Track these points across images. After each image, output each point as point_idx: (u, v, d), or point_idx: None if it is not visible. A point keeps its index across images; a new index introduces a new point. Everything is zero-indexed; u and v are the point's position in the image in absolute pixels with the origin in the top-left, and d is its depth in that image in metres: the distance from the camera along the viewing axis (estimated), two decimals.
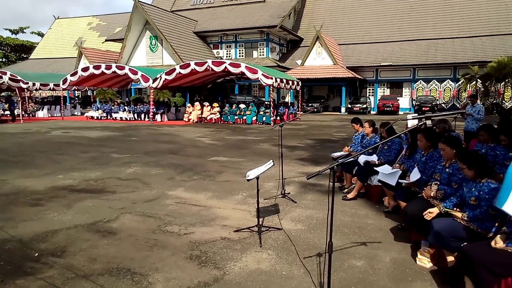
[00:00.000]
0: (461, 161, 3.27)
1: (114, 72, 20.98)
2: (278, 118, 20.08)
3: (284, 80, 20.14)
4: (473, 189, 3.19)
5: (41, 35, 57.77)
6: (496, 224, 3.03)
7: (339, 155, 6.51)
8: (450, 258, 3.25)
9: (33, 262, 3.51)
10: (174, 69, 19.48)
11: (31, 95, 28.96)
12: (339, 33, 35.08)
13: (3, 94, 31.92)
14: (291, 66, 32.14)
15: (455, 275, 3.00)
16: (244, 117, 20.34)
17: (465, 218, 3.12)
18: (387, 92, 31.59)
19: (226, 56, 34.82)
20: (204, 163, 8.51)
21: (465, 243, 3.02)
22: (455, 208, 3.34)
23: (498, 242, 2.72)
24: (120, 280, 3.20)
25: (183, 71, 19.19)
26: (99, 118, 23.59)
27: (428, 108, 25.29)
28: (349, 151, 6.38)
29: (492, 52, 27.08)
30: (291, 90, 25.97)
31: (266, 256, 3.67)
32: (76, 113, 29.02)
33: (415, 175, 4.18)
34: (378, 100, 29.63)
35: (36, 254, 3.68)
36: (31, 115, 25.24)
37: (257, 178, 4.02)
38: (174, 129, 16.99)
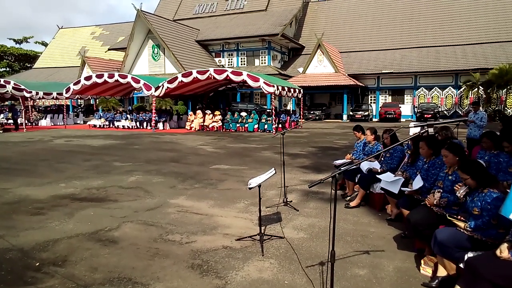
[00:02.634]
0: (463, 171, 3.23)
1: (117, 80, 21.11)
2: (280, 125, 20.10)
3: (286, 88, 20.21)
4: (475, 199, 3.15)
5: (44, 44, 58.29)
6: (500, 231, 3.00)
7: (341, 162, 6.49)
8: (442, 270, 3.24)
9: (34, 272, 3.49)
10: (176, 78, 19.59)
11: (34, 104, 29.12)
12: (340, 41, 35.25)
13: (6, 103, 32.12)
14: (292, 74, 32.25)
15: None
16: (246, 125, 20.38)
17: (468, 229, 3.09)
18: (389, 99, 31.60)
19: (228, 65, 35.00)
20: (206, 171, 8.50)
21: (469, 255, 2.98)
22: (459, 217, 3.31)
23: (503, 251, 2.69)
24: None
25: (185, 80, 19.30)
26: (102, 126, 23.68)
27: (430, 115, 25.26)
28: (351, 158, 6.37)
29: (494, 59, 27.12)
30: (293, 98, 26.05)
31: (268, 265, 3.64)
32: (78, 122, 29.16)
33: (417, 183, 4.16)
34: (380, 107, 29.65)
35: (37, 264, 3.66)
36: (34, 124, 25.36)
37: (259, 186, 4.00)
38: (176, 137, 17.02)
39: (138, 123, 22.88)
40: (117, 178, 7.73)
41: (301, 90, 23.31)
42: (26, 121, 22.92)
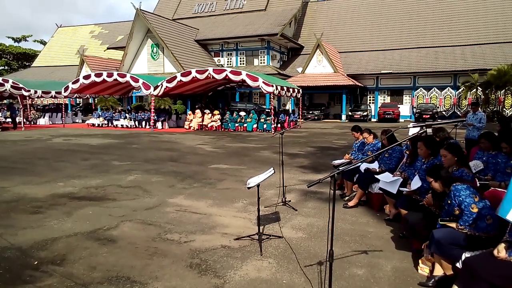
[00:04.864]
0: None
1: (116, 79, 21.08)
2: (279, 125, 20.10)
3: (285, 88, 20.21)
4: (449, 202, 3.26)
5: (43, 43, 58.16)
6: (488, 222, 3.05)
7: (340, 162, 6.50)
8: (439, 268, 3.25)
9: (33, 270, 3.49)
10: (175, 77, 19.58)
11: (33, 102, 29.07)
12: (339, 41, 35.28)
13: (4, 101, 32.05)
14: (291, 73, 32.27)
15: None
16: (245, 125, 20.38)
17: (460, 227, 3.13)
18: (388, 99, 31.66)
19: (227, 64, 34.99)
20: (204, 171, 8.50)
21: (467, 254, 3.00)
22: (450, 217, 3.33)
23: (501, 251, 2.70)
24: None
25: (184, 79, 19.29)
26: (100, 125, 23.65)
27: (428, 116, 25.31)
28: (350, 158, 6.38)
29: (492, 60, 27.19)
30: (292, 98, 26.05)
31: (266, 265, 3.65)
32: (77, 121, 29.11)
33: (416, 183, 4.17)
34: (379, 107, 29.70)
35: (36, 262, 3.66)
36: (32, 123, 25.30)
37: (258, 185, 4.00)
38: (175, 136, 17.01)
39: (136, 122, 22.85)
40: (116, 177, 7.72)
41: (300, 90, 23.33)
42: (25, 120, 22.88)
